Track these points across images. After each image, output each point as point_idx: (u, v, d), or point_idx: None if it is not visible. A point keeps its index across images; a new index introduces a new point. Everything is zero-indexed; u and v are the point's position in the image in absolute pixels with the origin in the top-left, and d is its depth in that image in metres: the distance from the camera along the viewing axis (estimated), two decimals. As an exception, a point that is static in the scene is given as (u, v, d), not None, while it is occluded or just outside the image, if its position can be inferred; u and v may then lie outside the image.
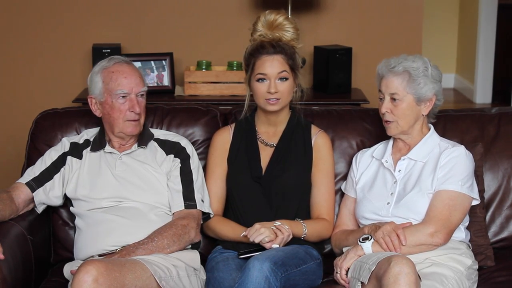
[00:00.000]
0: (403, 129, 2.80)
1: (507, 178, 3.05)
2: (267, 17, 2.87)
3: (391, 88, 2.76)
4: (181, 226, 2.75)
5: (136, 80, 2.82)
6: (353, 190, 2.92)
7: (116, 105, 2.81)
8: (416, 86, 2.74)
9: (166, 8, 4.39)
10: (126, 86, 2.80)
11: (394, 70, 2.75)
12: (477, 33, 7.22)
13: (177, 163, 2.88)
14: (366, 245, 2.65)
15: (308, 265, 2.74)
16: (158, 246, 2.68)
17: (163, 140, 2.95)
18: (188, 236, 2.76)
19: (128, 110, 2.81)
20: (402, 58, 2.78)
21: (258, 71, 2.84)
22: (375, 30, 4.42)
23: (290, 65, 2.85)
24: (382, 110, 2.79)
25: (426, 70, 2.75)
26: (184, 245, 2.77)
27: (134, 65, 2.89)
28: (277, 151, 2.93)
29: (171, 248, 2.71)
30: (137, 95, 2.82)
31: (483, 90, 7.29)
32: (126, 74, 2.81)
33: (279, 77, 2.83)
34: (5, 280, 2.49)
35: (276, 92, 2.83)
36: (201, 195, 2.86)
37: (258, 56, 2.84)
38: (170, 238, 2.71)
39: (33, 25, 4.38)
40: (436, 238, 2.65)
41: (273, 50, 2.83)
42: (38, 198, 2.86)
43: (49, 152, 2.93)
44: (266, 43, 2.85)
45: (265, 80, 2.84)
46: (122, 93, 2.79)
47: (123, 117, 2.82)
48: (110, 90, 2.80)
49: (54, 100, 4.18)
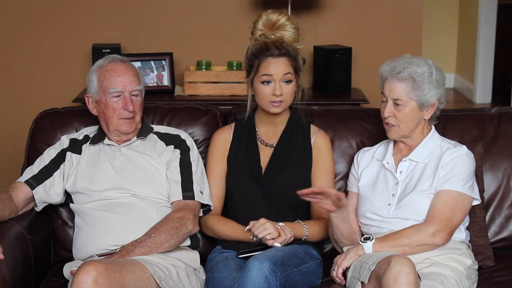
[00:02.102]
0: (404, 133, 2.79)
1: (507, 178, 3.05)
2: (269, 17, 2.85)
3: (395, 94, 2.74)
4: (177, 219, 2.74)
5: (130, 79, 2.82)
6: (355, 185, 2.91)
7: (110, 103, 2.81)
8: (420, 92, 2.72)
9: (166, 8, 4.39)
10: (119, 84, 2.80)
11: (398, 76, 2.72)
12: (477, 33, 7.22)
13: (177, 153, 2.89)
14: (367, 245, 2.65)
15: (307, 265, 2.74)
16: (156, 242, 2.67)
17: (163, 133, 2.96)
18: (185, 228, 2.75)
19: (122, 109, 2.81)
20: (406, 61, 2.74)
21: (263, 73, 2.82)
22: (375, 30, 4.42)
23: (294, 67, 2.85)
24: (385, 114, 2.77)
25: (431, 76, 2.73)
26: (183, 238, 2.76)
27: (130, 64, 2.89)
28: (276, 151, 2.93)
29: (169, 243, 2.70)
30: (131, 93, 2.82)
31: (483, 90, 7.29)
32: (119, 72, 2.81)
33: (284, 80, 2.82)
34: (5, 280, 2.49)
35: (281, 95, 2.82)
36: (200, 187, 2.85)
37: (263, 58, 2.82)
38: (167, 232, 2.70)
39: (33, 25, 4.38)
40: (437, 238, 2.65)
41: (278, 52, 2.82)
42: (38, 196, 2.86)
43: (48, 151, 2.94)
44: (270, 45, 2.83)
45: (270, 82, 2.83)
46: (115, 92, 2.80)
47: (117, 115, 2.82)
48: (104, 88, 2.81)
49: (54, 99, 4.18)
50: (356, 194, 2.91)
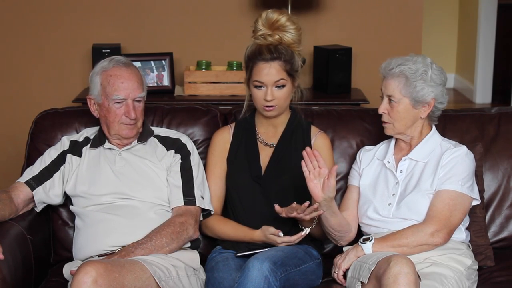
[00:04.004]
0: (399, 131, 2.80)
1: (507, 178, 3.05)
2: (268, 16, 2.82)
3: (389, 90, 2.76)
4: (179, 224, 2.74)
5: (134, 86, 2.80)
6: (357, 180, 2.91)
7: (112, 108, 2.80)
8: (411, 89, 2.72)
9: (166, 8, 4.39)
10: (122, 92, 2.78)
11: (391, 73, 2.75)
12: (477, 33, 7.22)
13: (177, 159, 2.88)
14: (367, 246, 2.65)
15: (307, 265, 2.74)
16: (157, 245, 2.68)
17: (163, 137, 2.95)
18: (186, 233, 2.75)
19: (124, 115, 2.80)
20: (404, 59, 2.76)
21: (255, 78, 2.82)
22: (375, 30, 4.42)
23: (288, 70, 2.82)
24: (379, 111, 2.79)
25: (425, 74, 2.73)
26: (183, 243, 2.77)
27: (135, 68, 2.86)
28: (276, 152, 2.93)
29: (170, 247, 2.71)
30: (134, 100, 2.81)
31: (483, 90, 7.30)
32: (123, 79, 2.79)
33: (276, 85, 2.82)
34: (5, 280, 2.49)
35: (273, 100, 2.82)
36: (201, 192, 2.85)
37: (256, 62, 2.82)
38: (169, 236, 2.71)
39: (33, 25, 4.38)
40: (436, 238, 2.65)
41: (270, 56, 2.79)
42: (37, 196, 2.86)
43: (49, 151, 2.93)
44: (263, 48, 2.81)
45: (262, 87, 2.83)
46: (118, 99, 2.78)
47: (118, 121, 2.81)
48: (107, 94, 2.79)
49: (54, 100, 4.18)
50: (357, 188, 2.90)
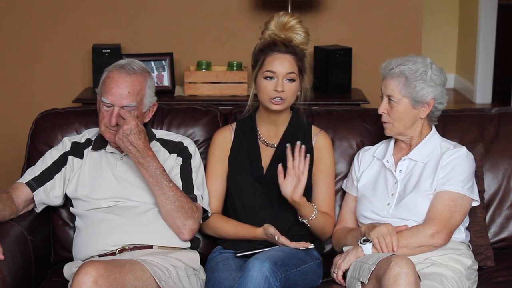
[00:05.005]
0: (398, 131, 2.80)
1: (507, 178, 3.05)
2: (281, 18, 2.88)
3: (388, 90, 2.76)
4: (192, 206, 2.75)
5: (123, 94, 2.74)
6: (354, 188, 2.92)
7: (102, 109, 2.79)
8: (411, 89, 2.73)
9: (166, 8, 4.39)
10: (110, 96, 2.74)
11: (391, 73, 2.75)
12: (477, 33, 7.22)
13: (179, 161, 2.88)
14: (367, 247, 2.65)
15: (308, 265, 2.74)
16: (165, 190, 2.70)
17: (165, 140, 2.95)
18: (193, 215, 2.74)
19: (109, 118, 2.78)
20: (404, 59, 2.77)
21: (267, 68, 2.83)
22: (375, 30, 4.42)
23: (299, 67, 2.86)
24: (379, 111, 2.79)
25: (425, 74, 2.74)
26: (183, 217, 2.73)
27: (138, 77, 2.79)
28: (278, 152, 2.93)
29: (169, 206, 2.71)
30: (122, 107, 2.75)
31: (483, 90, 7.30)
32: (115, 84, 2.75)
33: (287, 78, 2.83)
34: (5, 281, 2.49)
35: (283, 92, 2.83)
36: (200, 193, 2.85)
37: (269, 53, 2.84)
38: (179, 202, 2.71)
39: (33, 25, 4.38)
40: (436, 239, 2.65)
41: (285, 49, 2.84)
42: (38, 197, 2.86)
43: (50, 152, 2.93)
44: (278, 41, 2.86)
45: (273, 78, 2.83)
46: (106, 102, 2.76)
47: (104, 122, 2.79)
48: (101, 93, 2.79)
49: (54, 100, 4.17)
50: (354, 197, 2.92)
